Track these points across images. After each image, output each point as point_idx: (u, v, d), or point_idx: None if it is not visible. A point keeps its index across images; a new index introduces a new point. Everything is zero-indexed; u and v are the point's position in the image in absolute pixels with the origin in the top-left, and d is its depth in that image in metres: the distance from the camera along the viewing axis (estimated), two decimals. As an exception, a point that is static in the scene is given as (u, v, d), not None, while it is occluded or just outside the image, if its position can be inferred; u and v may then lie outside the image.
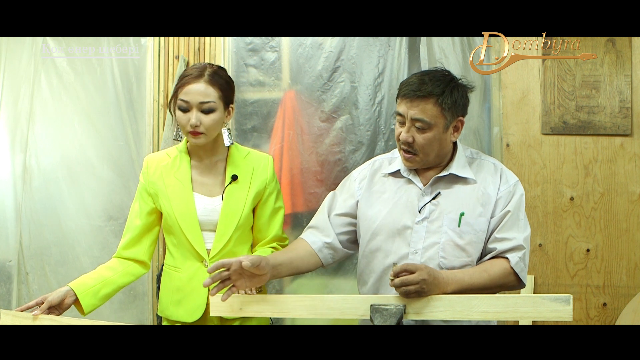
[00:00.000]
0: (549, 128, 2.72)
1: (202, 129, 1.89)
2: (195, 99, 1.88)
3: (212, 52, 2.88)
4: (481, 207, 1.79)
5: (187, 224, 1.95)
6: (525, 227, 1.81)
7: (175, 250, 2.00)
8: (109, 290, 1.95)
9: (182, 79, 1.91)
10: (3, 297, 2.96)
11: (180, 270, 1.99)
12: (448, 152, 1.83)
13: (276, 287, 2.88)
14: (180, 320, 1.98)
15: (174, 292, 2.00)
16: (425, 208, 1.80)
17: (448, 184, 1.82)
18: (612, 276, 2.69)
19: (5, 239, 2.96)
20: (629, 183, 2.68)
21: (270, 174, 2.05)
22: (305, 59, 2.84)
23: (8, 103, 2.96)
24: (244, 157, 2.04)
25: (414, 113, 1.74)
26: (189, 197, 1.97)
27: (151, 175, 2.00)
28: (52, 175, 2.97)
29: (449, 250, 1.77)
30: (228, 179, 1.98)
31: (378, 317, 1.64)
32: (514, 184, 1.83)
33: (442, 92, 1.73)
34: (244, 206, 1.98)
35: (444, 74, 1.81)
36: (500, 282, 1.76)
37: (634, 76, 2.67)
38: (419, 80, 1.76)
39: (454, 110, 1.76)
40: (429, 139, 1.75)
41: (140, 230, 2.00)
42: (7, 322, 1.78)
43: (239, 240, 1.99)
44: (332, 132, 2.83)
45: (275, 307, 1.77)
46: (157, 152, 2.10)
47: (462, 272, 1.74)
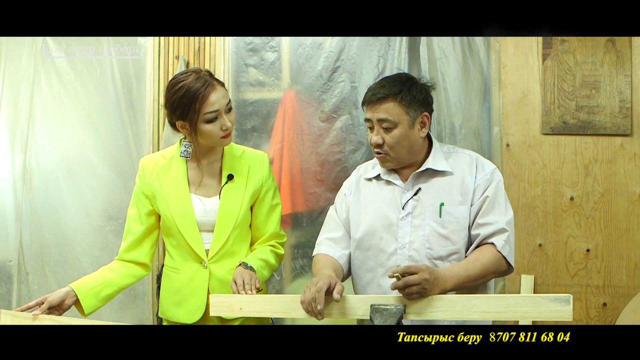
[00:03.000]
0: (549, 128, 2.72)
1: (231, 128, 1.93)
2: (222, 104, 1.90)
3: (212, 52, 2.88)
4: (460, 196, 1.86)
5: (185, 225, 1.95)
6: (506, 210, 1.86)
7: (175, 251, 2.00)
8: (110, 292, 1.95)
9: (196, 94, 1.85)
10: (3, 297, 2.96)
11: (180, 272, 1.98)
12: (420, 149, 1.91)
13: (276, 287, 2.88)
14: (180, 321, 1.98)
15: (174, 293, 2.00)
16: (408, 204, 1.88)
17: (427, 178, 1.90)
18: (612, 276, 2.69)
19: (6, 239, 2.96)
20: (629, 183, 2.68)
21: (267, 172, 2.04)
22: (305, 59, 2.84)
23: (8, 103, 2.96)
24: (240, 156, 2.04)
25: (378, 115, 1.85)
26: (187, 198, 1.96)
27: (147, 177, 2.00)
28: (52, 175, 2.97)
29: (433, 241, 1.83)
30: (224, 179, 1.98)
31: (378, 317, 1.64)
32: (491, 171, 1.90)
33: (399, 90, 1.84)
34: (242, 205, 1.98)
35: (400, 75, 1.94)
36: (493, 268, 1.80)
37: (634, 76, 2.67)
38: (378, 85, 1.89)
39: (415, 106, 1.85)
40: (397, 136, 1.84)
41: (141, 234, 2.00)
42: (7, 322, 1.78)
43: (237, 239, 1.99)
44: (332, 132, 2.83)
45: (275, 307, 1.77)
46: (153, 154, 2.09)
47: (457, 266, 1.77)
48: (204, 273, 1.95)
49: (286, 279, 2.88)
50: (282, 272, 2.88)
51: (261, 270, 1.95)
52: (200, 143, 1.96)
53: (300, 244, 2.85)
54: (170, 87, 1.91)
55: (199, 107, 1.87)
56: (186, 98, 1.87)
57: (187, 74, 1.91)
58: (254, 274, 1.88)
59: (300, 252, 2.87)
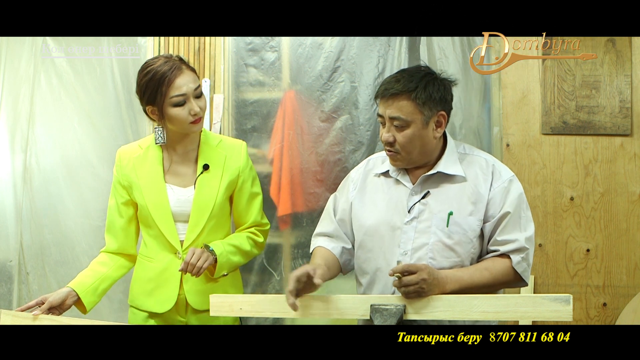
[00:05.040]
0: (549, 128, 2.72)
1: (201, 113, 1.91)
2: (190, 88, 1.88)
3: (212, 52, 2.88)
4: (472, 205, 1.76)
5: (160, 215, 1.94)
6: (526, 225, 1.78)
7: (150, 240, 1.99)
8: (106, 286, 1.98)
9: (162, 78, 1.86)
10: (4, 297, 2.96)
11: (154, 261, 1.98)
12: (434, 149, 1.80)
13: (276, 287, 2.88)
14: (150, 310, 1.98)
15: (146, 282, 1.99)
16: (414, 208, 1.78)
17: (437, 182, 1.79)
18: (612, 276, 2.69)
19: (6, 239, 2.96)
20: (629, 183, 2.68)
21: (244, 161, 2.03)
22: (305, 59, 2.84)
23: (8, 103, 2.96)
24: (216, 145, 2.02)
25: (390, 112, 1.73)
26: (162, 188, 1.96)
27: (124, 168, 2.00)
28: (52, 175, 2.97)
29: (438, 251, 1.76)
30: (200, 169, 1.97)
31: (378, 317, 1.64)
32: (509, 180, 1.79)
33: (415, 87, 1.71)
34: (217, 195, 1.96)
35: (419, 69, 1.79)
36: (502, 280, 1.76)
37: (634, 76, 2.67)
38: (393, 79, 1.76)
39: (431, 105, 1.72)
40: (408, 136, 1.73)
41: (122, 225, 2.01)
42: (7, 322, 1.78)
43: (212, 229, 1.98)
44: (332, 132, 2.83)
45: (275, 307, 1.77)
46: (130, 144, 2.09)
47: (461, 270, 1.74)
48: (177, 263, 1.94)
49: (286, 279, 2.88)
50: (282, 272, 2.88)
51: (229, 256, 1.93)
52: (170, 129, 1.94)
53: (300, 244, 2.85)
54: (140, 71, 1.93)
55: (166, 90, 1.86)
56: (153, 82, 1.88)
57: (156, 59, 1.92)
58: (208, 255, 1.87)
59: (300, 252, 2.87)
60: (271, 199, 2.80)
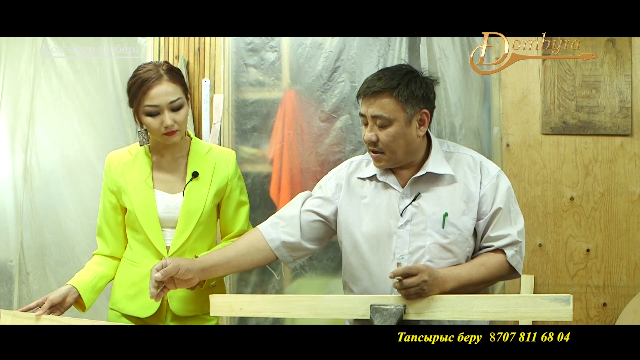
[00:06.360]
0: (549, 128, 2.72)
1: (176, 126, 1.89)
2: (164, 100, 1.87)
3: (212, 52, 2.88)
4: (464, 204, 1.76)
5: (147, 221, 1.95)
6: (516, 219, 1.78)
7: (136, 245, 1.99)
8: (103, 284, 2.00)
9: (141, 85, 1.86)
10: (4, 297, 2.96)
11: (139, 266, 1.98)
12: (418, 148, 1.78)
13: (276, 287, 2.88)
14: (132, 314, 1.97)
15: (129, 286, 1.99)
16: (406, 211, 1.76)
17: (427, 183, 1.77)
18: (612, 276, 2.69)
19: (6, 239, 2.96)
20: (629, 183, 2.68)
21: (232, 170, 2.03)
22: (305, 59, 2.85)
23: (8, 103, 2.96)
24: (206, 153, 2.02)
25: (373, 110, 1.71)
26: (150, 194, 1.96)
27: (113, 173, 2.01)
28: (52, 175, 2.97)
29: (435, 253, 1.75)
30: (189, 176, 1.98)
31: (378, 317, 1.64)
32: (496, 175, 1.79)
33: (397, 84, 1.69)
34: (205, 203, 1.97)
35: (401, 67, 1.78)
36: (498, 274, 1.77)
37: (634, 76, 2.67)
38: (375, 77, 1.74)
39: (413, 103, 1.70)
40: (391, 134, 1.71)
41: (112, 230, 2.02)
42: (7, 322, 1.78)
43: (199, 237, 1.98)
44: (332, 132, 2.83)
45: (275, 307, 1.76)
46: (120, 149, 2.10)
47: (459, 268, 1.74)
48: None
49: (286, 279, 2.88)
50: (282, 272, 2.88)
51: None
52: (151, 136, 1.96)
53: (300, 244, 2.85)
54: (132, 74, 1.92)
55: (141, 98, 1.87)
56: (135, 87, 1.89)
57: (147, 64, 1.91)
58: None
59: (300, 252, 2.87)
60: (271, 199, 2.80)
